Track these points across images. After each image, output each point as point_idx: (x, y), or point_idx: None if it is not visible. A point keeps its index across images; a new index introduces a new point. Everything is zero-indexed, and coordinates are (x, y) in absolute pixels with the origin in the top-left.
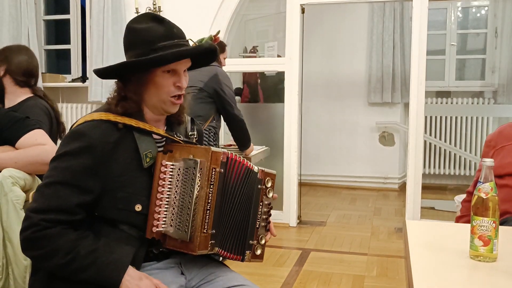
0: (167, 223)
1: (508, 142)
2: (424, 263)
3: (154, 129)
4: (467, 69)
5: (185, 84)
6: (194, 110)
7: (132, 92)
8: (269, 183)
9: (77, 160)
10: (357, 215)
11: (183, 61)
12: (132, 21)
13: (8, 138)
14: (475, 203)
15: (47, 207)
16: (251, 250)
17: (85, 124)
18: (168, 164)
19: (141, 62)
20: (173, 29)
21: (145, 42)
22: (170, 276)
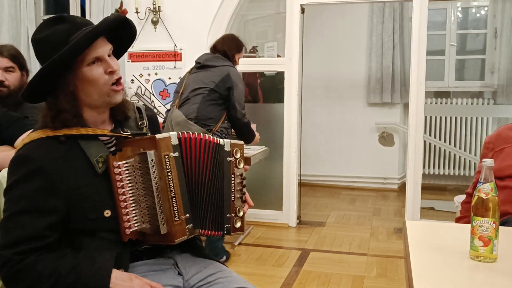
0: (139, 220)
1: (507, 144)
2: (424, 263)
3: (98, 131)
4: (466, 69)
5: (116, 67)
6: (205, 112)
7: (65, 102)
8: (238, 154)
9: (29, 184)
10: (356, 216)
11: (102, 44)
12: (35, 33)
13: (7, 137)
14: (475, 204)
15: (15, 241)
16: (230, 224)
17: (26, 147)
18: (121, 164)
19: (59, 58)
20: (76, 20)
21: (55, 45)
22: (165, 277)
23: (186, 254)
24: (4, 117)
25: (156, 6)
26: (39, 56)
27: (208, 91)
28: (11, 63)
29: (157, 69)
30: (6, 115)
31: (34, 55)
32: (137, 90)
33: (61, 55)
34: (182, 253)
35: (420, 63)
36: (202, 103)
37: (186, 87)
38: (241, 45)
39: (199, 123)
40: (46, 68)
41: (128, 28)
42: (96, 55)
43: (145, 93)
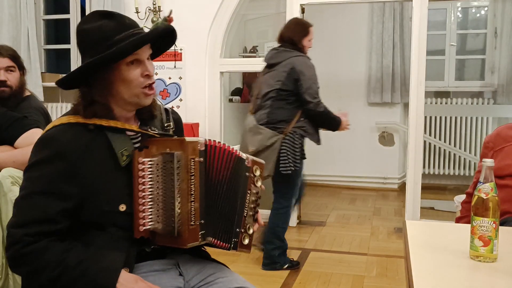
0: (154, 220)
1: (506, 144)
2: (424, 263)
3: (127, 126)
4: (466, 69)
5: (152, 71)
6: (275, 116)
7: (99, 95)
8: (258, 172)
9: (50, 167)
10: (356, 215)
11: (144, 49)
12: (81, 23)
13: (7, 137)
14: (475, 204)
15: (27, 220)
16: (239, 239)
17: (54, 129)
18: (146, 161)
19: (102, 60)
20: (125, 21)
21: (99, 40)
22: (167, 278)
23: (187, 255)
24: (4, 117)
25: (156, 6)
26: (81, 46)
27: (276, 92)
28: (11, 62)
29: (157, 69)
30: (5, 115)
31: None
32: None
33: (106, 56)
34: (183, 254)
35: (420, 63)
36: (272, 107)
37: (260, 92)
38: (307, 27)
39: (269, 127)
40: (91, 64)
41: (171, 37)
42: (136, 57)
43: None
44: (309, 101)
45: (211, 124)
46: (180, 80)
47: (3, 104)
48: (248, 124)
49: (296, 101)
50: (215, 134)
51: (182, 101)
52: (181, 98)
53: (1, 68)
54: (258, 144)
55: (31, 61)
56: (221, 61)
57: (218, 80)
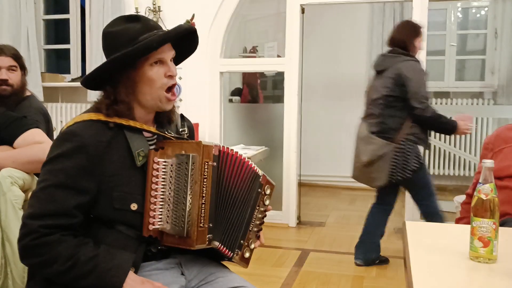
0: (163, 220)
1: (506, 145)
2: (424, 264)
3: (145, 126)
4: (466, 70)
5: (175, 72)
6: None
7: (123, 94)
8: (268, 191)
9: (71, 161)
10: (356, 216)
11: (167, 49)
12: (107, 26)
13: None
14: (475, 204)
15: (44, 212)
16: (241, 251)
17: (76, 125)
18: (161, 161)
19: (127, 54)
20: (149, 22)
21: (125, 41)
22: (170, 276)
23: (189, 255)
24: (3, 117)
25: (156, 6)
26: (107, 48)
27: (384, 99)
28: (14, 62)
29: None
30: (5, 114)
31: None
32: None
33: (131, 51)
34: (185, 254)
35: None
36: (383, 115)
37: (369, 98)
38: (418, 28)
39: (381, 136)
40: (115, 60)
41: (193, 40)
42: (160, 57)
43: None
44: (416, 106)
45: (211, 124)
46: (180, 80)
47: (3, 103)
48: (361, 133)
49: (404, 107)
50: (215, 134)
51: (182, 101)
52: (181, 98)
53: (3, 67)
54: (370, 154)
55: (31, 61)
56: (221, 61)
57: (218, 80)
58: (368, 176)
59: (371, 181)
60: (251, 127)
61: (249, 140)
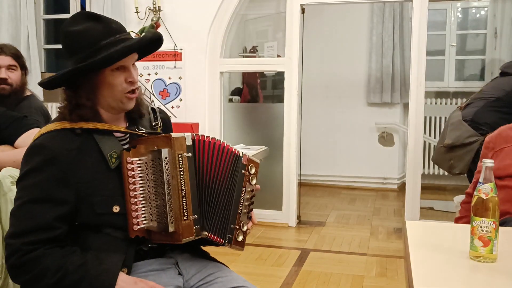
0: (147, 218)
1: (507, 144)
2: (424, 263)
3: (114, 127)
4: (466, 69)
5: (136, 77)
6: (481, 116)
7: (84, 98)
8: (253, 170)
9: (43, 174)
10: (356, 215)
11: (130, 56)
12: (67, 24)
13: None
14: (475, 204)
15: (24, 230)
16: (233, 235)
17: (42, 137)
18: (134, 161)
19: (89, 66)
20: (111, 25)
21: (86, 44)
22: (166, 277)
23: (187, 254)
24: (3, 117)
25: (156, 6)
26: (67, 48)
27: (494, 98)
28: (14, 61)
29: (157, 68)
30: (5, 114)
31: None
32: None
33: (93, 63)
34: (182, 254)
35: (420, 63)
36: (483, 108)
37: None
38: None
39: (473, 126)
40: (76, 70)
41: (157, 43)
42: (121, 64)
43: (145, 92)
44: None
45: (211, 124)
46: (180, 80)
47: (3, 102)
48: (453, 118)
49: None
50: (215, 134)
51: (182, 101)
52: (181, 98)
53: (2, 66)
54: (455, 138)
55: (31, 60)
56: (221, 61)
57: (218, 80)
58: (447, 162)
59: (450, 167)
60: (251, 127)
61: (249, 140)
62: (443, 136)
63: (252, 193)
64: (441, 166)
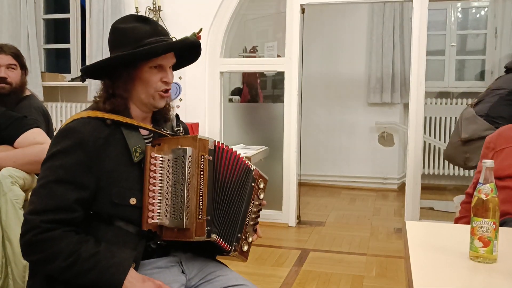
0: (162, 214)
1: (507, 144)
2: (424, 263)
3: (141, 124)
4: (466, 69)
5: (171, 79)
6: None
7: (120, 88)
8: (262, 185)
9: (70, 156)
10: (356, 215)
11: (169, 56)
12: (117, 22)
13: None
14: (475, 204)
15: (45, 208)
16: (239, 244)
17: (74, 122)
18: (158, 156)
19: (131, 55)
20: (158, 27)
21: (131, 39)
22: (171, 275)
23: (189, 253)
24: (3, 117)
25: (156, 6)
26: (113, 42)
27: (508, 92)
28: (13, 60)
29: None
30: (5, 114)
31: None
32: None
33: (136, 53)
34: (186, 253)
35: (420, 63)
36: (497, 102)
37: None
38: None
39: (488, 120)
40: (120, 57)
41: (195, 52)
42: (160, 63)
43: None
44: None
45: (211, 124)
46: (180, 80)
47: (2, 102)
48: (467, 113)
49: None
50: (215, 134)
51: (182, 101)
52: (181, 98)
53: (2, 65)
54: (472, 132)
55: (31, 60)
56: (221, 61)
57: (218, 80)
58: (463, 156)
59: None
60: (251, 126)
61: (249, 140)
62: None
63: (259, 207)
64: (455, 160)
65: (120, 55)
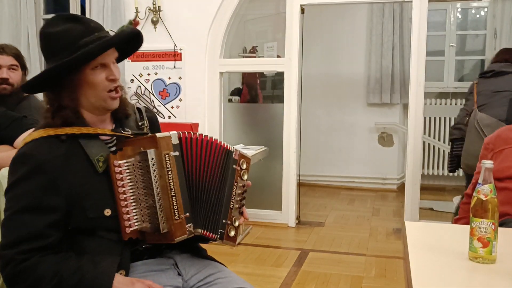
0: (140, 219)
1: (506, 146)
2: (423, 264)
3: (99, 130)
4: (466, 70)
5: (118, 75)
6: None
7: (67, 99)
8: (244, 165)
9: (31, 183)
10: (355, 216)
11: (109, 52)
12: (45, 26)
13: (6, 137)
14: (474, 205)
15: (17, 240)
16: (225, 230)
17: (27, 146)
18: (122, 163)
19: (68, 63)
20: (90, 24)
21: (65, 44)
22: (165, 277)
23: (186, 254)
24: (3, 117)
25: (156, 6)
26: (46, 50)
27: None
28: (15, 61)
29: (157, 68)
30: (5, 114)
31: (40, 48)
32: (137, 90)
33: (71, 60)
34: (181, 254)
35: (420, 63)
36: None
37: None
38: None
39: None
40: (56, 68)
41: (137, 40)
42: (102, 61)
43: (145, 92)
44: None
45: (211, 124)
46: (180, 80)
47: (3, 102)
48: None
49: None
50: (214, 134)
51: (181, 101)
52: (181, 98)
53: (4, 66)
54: None
55: (31, 60)
56: (221, 61)
57: (217, 80)
58: None
59: None
60: (250, 127)
61: (248, 140)
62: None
63: (244, 188)
64: None
65: (59, 65)
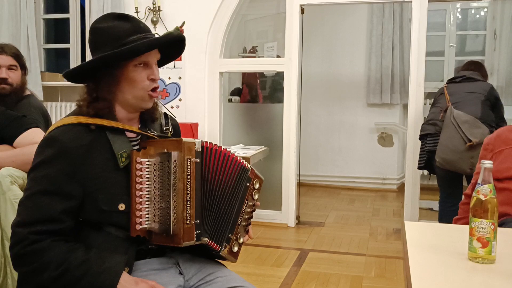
0: (150, 219)
1: (506, 146)
2: (423, 264)
3: (127, 127)
4: None
5: (158, 76)
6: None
7: (105, 91)
8: (257, 185)
9: (53, 166)
10: (355, 216)
11: (153, 53)
12: (96, 22)
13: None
14: (474, 205)
15: (32, 219)
16: (229, 245)
17: (56, 130)
18: (143, 161)
19: (114, 55)
20: (139, 24)
21: (113, 39)
22: (167, 276)
23: (187, 254)
24: (3, 116)
25: (156, 6)
26: (94, 43)
27: (483, 96)
28: (14, 61)
29: None
30: (4, 114)
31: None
32: None
33: (118, 53)
34: (183, 254)
35: (420, 64)
36: (483, 106)
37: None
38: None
39: (485, 124)
40: (100, 58)
41: (180, 46)
42: (145, 60)
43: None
44: (504, 120)
45: (211, 124)
46: (180, 80)
47: (2, 102)
48: (461, 116)
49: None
50: (214, 134)
51: (181, 101)
52: (181, 98)
53: (3, 66)
54: (480, 136)
55: (31, 60)
56: (221, 61)
57: (217, 80)
58: (468, 161)
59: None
60: (250, 127)
61: (248, 140)
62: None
63: (253, 207)
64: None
65: (102, 56)
